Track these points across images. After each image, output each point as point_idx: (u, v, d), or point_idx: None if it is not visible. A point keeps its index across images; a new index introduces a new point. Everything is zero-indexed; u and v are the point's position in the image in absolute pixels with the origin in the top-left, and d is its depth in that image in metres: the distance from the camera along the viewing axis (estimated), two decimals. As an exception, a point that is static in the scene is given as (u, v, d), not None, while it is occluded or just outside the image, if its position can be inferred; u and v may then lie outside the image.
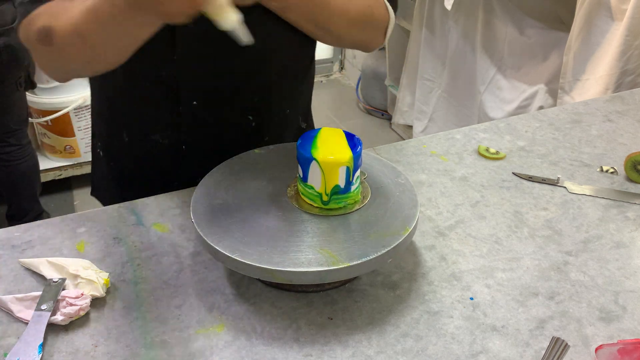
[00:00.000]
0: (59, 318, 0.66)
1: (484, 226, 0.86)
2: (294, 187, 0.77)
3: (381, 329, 0.68)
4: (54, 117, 2.39)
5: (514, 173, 0.99)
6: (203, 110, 0.86)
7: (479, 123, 1.18)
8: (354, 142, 0.73)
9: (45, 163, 2.52)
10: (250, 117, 0.89)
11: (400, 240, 0.68)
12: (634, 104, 1.25)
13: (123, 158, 0.95)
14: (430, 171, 0.99)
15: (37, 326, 0.64)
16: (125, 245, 0.79)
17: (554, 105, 1.99)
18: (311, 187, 0.72)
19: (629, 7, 1.59)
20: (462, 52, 2.42)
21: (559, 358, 0.63)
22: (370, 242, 0.68)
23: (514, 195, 0.93)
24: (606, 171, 1.00)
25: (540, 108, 2.06)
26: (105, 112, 0.94)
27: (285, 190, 0.77)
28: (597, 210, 0.90)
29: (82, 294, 0.68)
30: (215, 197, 0.75)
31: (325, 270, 0.64)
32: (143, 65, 0.72)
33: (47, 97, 2.38)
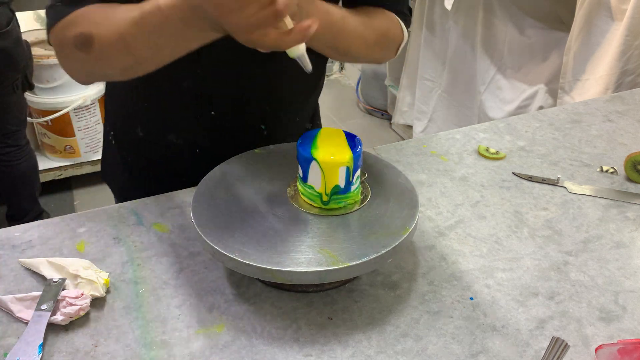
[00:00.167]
0: (59, 318, 0.66)
1: (484, 226, 0.86)
2: (294, 187, 0.77)
3: (381, 329, 0.68)
4: (54, 117, 2.39)
5: (514, 173, 0.99)
6: (220, 117, 0.88)
7: (479, 123, 1.18)
8: (354, 142, 0.73)
9: (45, 163, 2.52)
10: (262, 126, 0.92)
11: (400, 240, 0.68)
12: (634, 104, 1.25)
13: (135, 151, 0.97)
14: (430, 171, 0.99)
15: (37, 326, 0.64)
16: (125, 245, 0.79)
17: (554, 105, 1.99)
18: (311, 187, 0.72)
19: (629, 7, 1.59)
20: (462, 52, 2.41)
21: (559, 358, 0.63)
22: (370, 242, 0.68)
23: (514, 195, 0.93)
24: (606, 171, 1.00)
25: (540, 108, 2.06)
26: (120, 108, 0.95)
27: (285, 190, 0.77)
28: (597, 210, 0.90)
29: (82, 294, 0.68)
30: (215, 197, 0.75)
31: (325, 270, 0.64)
32: (166, 75, 0.73)
33: (47, 97, 2.38)
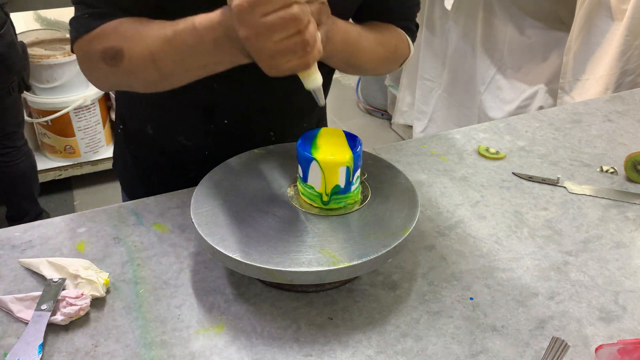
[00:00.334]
0: (59, 318, 0.66)
1: (484, 226, 0.86)
2: (294, 187, 0.77)
3: (381, 329, 0.68)
4: (54, 117, 2.39)
5: (514, 173, 0.99)
6: (230, 125, 0.90)
7: (479, 123, 1.18)
8: (354, 142, 0.73)
9: (45, 163, 2.52)
10: (271, 133, 0.94)
11: (400, 240, 0.68)
12: (634, 104, 1.25)
13: (144, 147, 0.97)
14: (430, 171, 0.99)
15: (37, 326, 0.64)
16: (125, 245, 0.79)
17: (554, 105, 1.99)
18: (311, 187, 0.72)
19: (629, 7, 1.59)
20: (462, 52, 2.41)
21: (559, 358, 0.63)
22: (370, 242, 0.68)
23: (514, 195, 0.93)
24: (606, 171, 1.00)
25: (540, 108, 2.06)
26: (130, 107, 0.96)
27: (285, 190, 0.77)
28: (597, 210, 0.90)
29: (82, 294, 0.68)
30: (215, 197, 0.75)
31: (326, 270, 0.64)
32: (182, 89, 0.74)
33: (47, 97, 2.38)
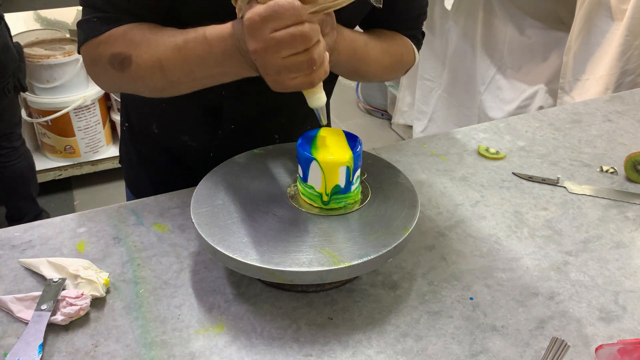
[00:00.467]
0: (59, 318, 0.66)
1: (484, 226, 0.86)
2: (294, 187, 0.77)
3: (381, 329, 0.68)
4: (54, 117, 2.39)
5: (513, 173, 0.99)
6: (236, 129, 0.90)
7: (479, 123, 1.18)
8: (354, 142, 0.73)
9: (45, 163, 2.52)
10: (276, 136, 0.95)
11: (400, 240, 0.68)
12: (634, 104, 1.25)
13: (149, 145, 0.97)
14: (430, 171, 0.99)
15: (37, 326, 0.64)
16: (125, 245, 0.79)
17: (554, 105, 1.99)
18: (311, 187, 0.72)
19: (629, 7, 1.59)
20: (462, 52, 2.41)
21: (559, 358, 0.63)
22: (370, 242, 0.68)
23: (514, 195, 0.93)
24: (606, 171, 1.00)
25: (540, 108, 2.06)
26: (135, 105, 0.96)
27: (285, 190, 0.77)
28: (597, 210, 0.90)
29: (82, 294, 0.68)
30: (215, 197, 0.75)
31: (326, 270, 0.64)
32: (190, 94, 0.74)
33: (47, 97, 2.38)
